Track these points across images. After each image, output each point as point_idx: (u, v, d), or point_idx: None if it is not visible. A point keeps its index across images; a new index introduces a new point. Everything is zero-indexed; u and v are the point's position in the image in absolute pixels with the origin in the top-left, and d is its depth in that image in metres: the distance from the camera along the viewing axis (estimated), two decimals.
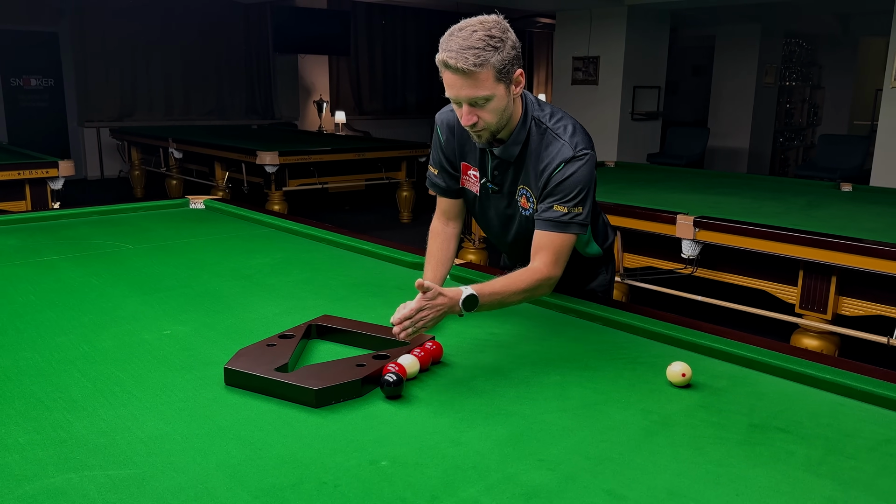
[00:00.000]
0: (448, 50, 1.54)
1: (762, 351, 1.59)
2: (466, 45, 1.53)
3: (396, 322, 1.47)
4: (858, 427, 1.32)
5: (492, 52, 1.54)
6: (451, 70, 1.56)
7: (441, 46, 1.57)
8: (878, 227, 3.33)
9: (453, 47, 1.54)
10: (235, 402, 1.38)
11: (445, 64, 1.56)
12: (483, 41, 1.53)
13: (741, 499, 1.08)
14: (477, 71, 1.54)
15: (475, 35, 1.53)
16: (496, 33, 1.55)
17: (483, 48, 1.53)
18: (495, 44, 1.54)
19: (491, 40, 1.54)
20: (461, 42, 1.53)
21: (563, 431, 1.29)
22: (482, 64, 1.53)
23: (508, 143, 1.74)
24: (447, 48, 1.55)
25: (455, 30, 1.58)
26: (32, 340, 1.68)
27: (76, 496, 1.05)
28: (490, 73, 1.55)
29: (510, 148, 1.74)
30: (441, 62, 1.57)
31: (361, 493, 1.08)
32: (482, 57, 1.53)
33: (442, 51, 1.56)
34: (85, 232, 2.87)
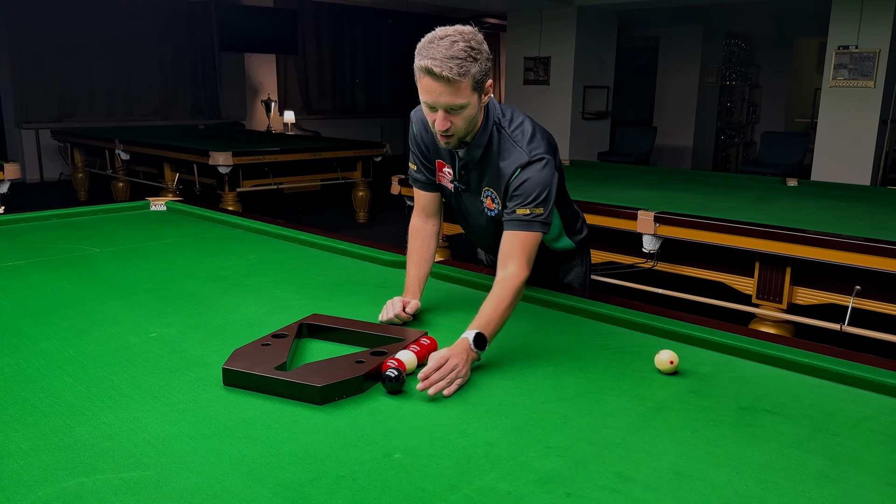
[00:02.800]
0: (432, 58, 1.58)
1: (741, 338, 1.66)
2: (450, 55, 1.57)
3: (423, 388, 1.41)
4: (838, 406, 1.40)
5: (472, 63, 1.60)
6: (433, 77, 1.60)
7: (421, 53, 1.61)
8: (826, 219, 3.49)
9: (437, 56, 1.58)
10: (238, 401, 1.37)
11: (429, 71, 1.59)
12: (465, 52, 1.59)
13: (741, 476, 1.14)
14: (459, 80, 1.59)
15: (457, 45, 1.58)
16: (475, 45, 1.61)
17: (465, 59, 1.58)
18: (475, 55, 1.60)
19: (472, 52, 1.59)
20: (444, 51, 1.58)
21: (565, 420, 1.33)
22: (464, 74, 1.59)
23: (471, 146, 1.81)
24: (430, 56, 1.59)
25: (435, 38, 1.61)
26: (14, 347, 1.64)
27: (92, 500, 1.04)
28: (469, 83, 1.61)
29: (472, 150, 1.81)
30: (424, 68, 1.60)
31: (380, 485, 1.09)
32: (464, 67, 1.58)
33: (424, 58, 1.60)
34: (46, 236, 2.79)
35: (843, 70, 5.86)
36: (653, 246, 3.54)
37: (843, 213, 3.68)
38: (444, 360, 1.45)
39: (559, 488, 1.09)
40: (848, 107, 5.95)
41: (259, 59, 11.90)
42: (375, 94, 13.56)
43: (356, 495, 1.06)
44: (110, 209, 3.32)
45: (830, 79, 5.95)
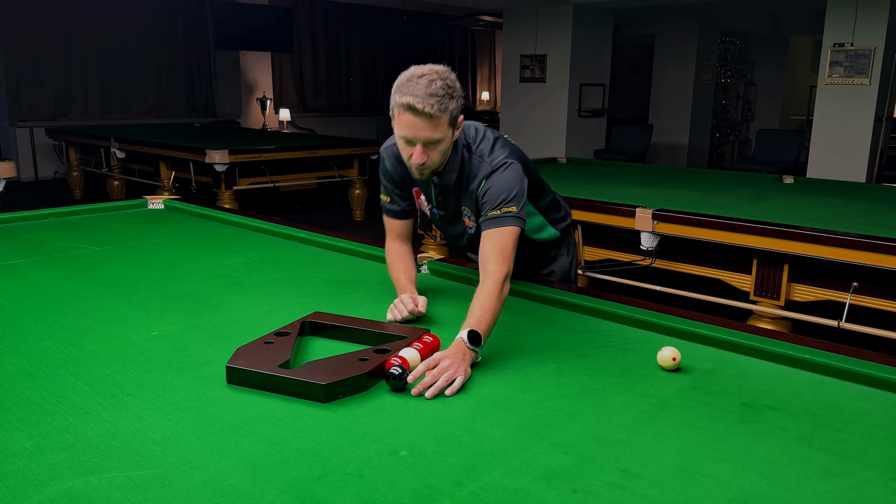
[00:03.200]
0: (413, 95, 1.66)
1: (743, 335, 1.67)
2: (430, 92, 1.66)
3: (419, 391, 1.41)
4: (841, 403, 1.40)
5: (450, 101, 1.70)
6: (414, 113, 1.68)
7: (401, 90, 1.69)
8: (824, 216, 3.50)
9: (418, 93, 1.66)
10: (242, 399, 1.37)
11: (411, 107, 1.67)
12: (443, 90, 1.68)
13: (746, 472, 1.14)
14: (439, 116, 1.69)
15: (435, 84, 1.68)
16: (451, 83, 1.71)
17: (443, 96, 1.68)
18: (452, 93, 1.70)
19: (449, 89, 1.69)
20: (423, 89, 1.66)
21: (569, 416, 1.33)
22: (444, 110, 1.69)
23: (445, 172, 1.90)
24: (411, 93, 1.67)
25: (413, 77, 1.69)
26: (15, 345, 1.63)
27: (98, 499, 1.04)
28: (446, 119, 1.72)
29: (447, 175, 1.91)
30: (405, 105, 1.68)
31: (387, 482, 1.09)
32: (444, 104, 1.68)
33: (404, 94, 1.68)
34: (45, 235, 2.78)
35: (838, 67, 5.88)
36: (651, 243, 3.55)
37: (839, 210, 3.70)
38: (436, 363, 1.45)
39: (566, 485, 1.10)
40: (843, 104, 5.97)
41: (254, 56, 11.88)
42: (371, 92, 13.55)
43: (364, 492, 1.06)
44: (108, 207, 3.32)
45: (826, 76, 5.97)
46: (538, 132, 8.11)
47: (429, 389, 1.40)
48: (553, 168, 5.51)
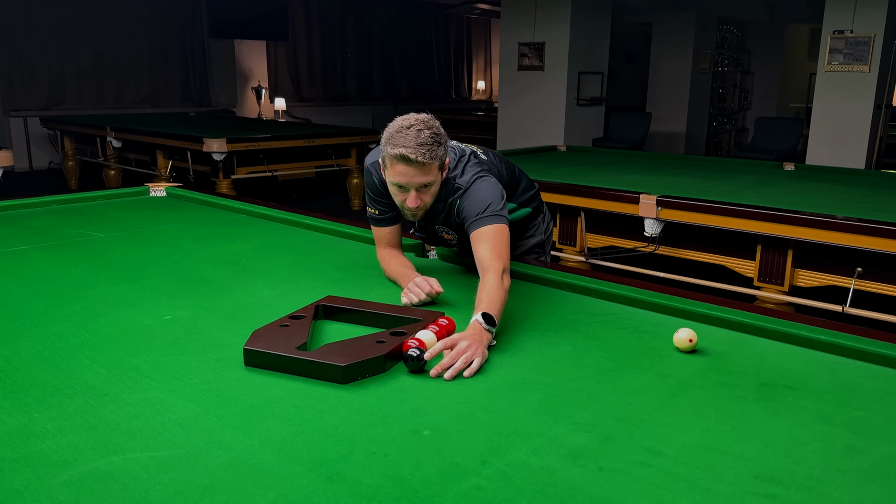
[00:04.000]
0: (405, 146, 1.74)
1: (758, 316, 1.67)
2: (419, 142, 1.75)
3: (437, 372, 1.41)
4: (859, 382, 1.41)
5: (438, 147, 1.79)
6: (407, 163, 1.76)
7: (392, 142, 1.76)
8: (827, 201, 3.51)
9: (409, 144, 1.74)
10: (261, 381, 1.37)
11: (404, 158, 1.75)
12: (432, 138, 1.77)
13: (770, 449, 1.15)
14: (430, 163, 1.77)
15: (423, 133, 1.76)
16: (437, 130, 1.80)
17: (432, 144, 1.77)
18: (439, 139, 1.79)
19: (436, 137, 1.78)
20: (413, 139, 1.74)
21: (590, 397, 1.33)
22: (434, 157, 1.78)
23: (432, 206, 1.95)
24: (403, 144, 1.74)
25: (402, 128, 1.77)
26: (27, 329, 1.62)
27: (125, 478, 1.03)
28: (436, 164, 1.80)
29: (436, 206, 1.97)
30: (398, 156, 1.75)
31: (413, 460, 1.09)
32: (434, 151, 1.77)
33: (396, 146, 1.75)
34: (48, 222, 2.76)
35: (837, 55, 5.87)
36: (654, 230, 3.55)
37: (842, 196, 3.70)
38: (454, 343, 1.45)
39: (591, 462, 1.10)
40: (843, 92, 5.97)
41: (249, 45, 11.80)
42: (367, 82, 13.48)
43: (390, 470, 1.06)
44: (110, 195, 3.30)
45: (825, 63, 5.97)
46: (536, 120, 8.09)
47: (448, 371, 1.40)
48: (553, 156, 5.50)
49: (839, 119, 6.06)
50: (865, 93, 5.87)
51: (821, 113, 6.17)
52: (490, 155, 2.14)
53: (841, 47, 5.85)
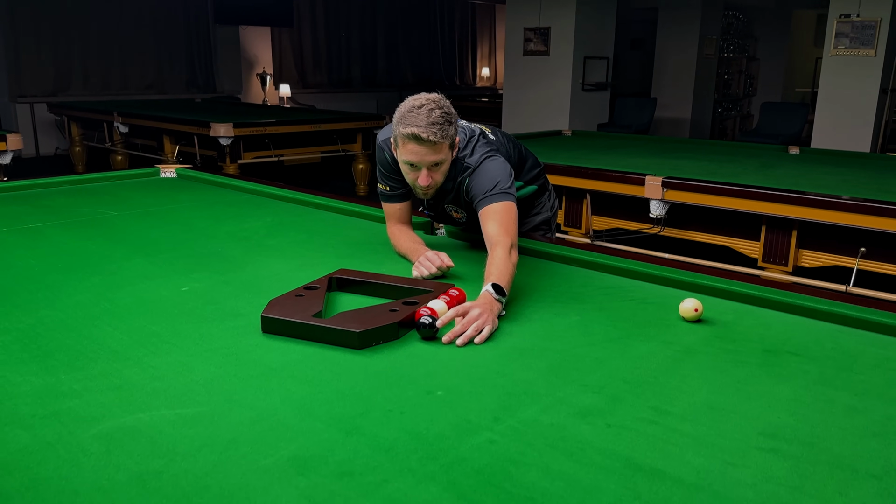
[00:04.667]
0: (416, 125, 1.77)
1: (762, 288, 1.71)
2: (431, 121, 1.77)
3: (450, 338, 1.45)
4: (860, 349, 1.44)
5: (449, 126, 1.81)
6: (418, 142, 1.79)
7: (403, 121, 1.79)
8: (831, 182, 3.53)
9: (420, 123, 1.77)
10: (279, 346, 1.41)
11: (416, 137, 1.78)
12: (443, 118, 1.79)
13: (773, 409, 1.18)
14: (441, 142, 1.80)
15: (435, 113, 1.78)
16: (447, 110, 1.82)
17: (443, 123, 1.79)
18: (450, 119, 1.82)
19: (447, 116, 1.81)
20: (425, 119, 1.77)
21: (597, 362, 1.37)
22: (445, 136, 1.80)
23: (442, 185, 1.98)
24: (414, 124, 1.77)
25: (413, 107, 1.80)
26: (48, 300, 1.66)
27: (152, 433, 1.08)
28: (447, 143, 1.84)
29: (445, 184, 2.00)
30: (410, 136, 1.78)
31: (427, 417, 1.14)
32: (445, 130, 1.80)
33: (408, 125, 1.78)
34: (63, 201, 2.80)
35: (844, 39, 5.87)
36: (660, 211, 3.58)
37: (846, 178, 3.72)
38: (465, 311, 1.49)
39: (599, 420, 1.14)
40: (849, 76, 5.96)
41: (254, 31, 11.80)
42: (371, 68, 13.47)
43: (406, 426, 1.10)
44: (121, 175, 3.33)
45: (832, 48, 5.96)
46: (541, 106, 8.10)
47: (459, 338, 1.44)
48: (558, 140, 5.52)
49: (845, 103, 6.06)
50: (871, 77, 5.86)
51: (826, 97, 6.17)
52: (498, 134, 2.17)
53: (847, 31, 5.84)
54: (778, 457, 1.04)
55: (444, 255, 1.85)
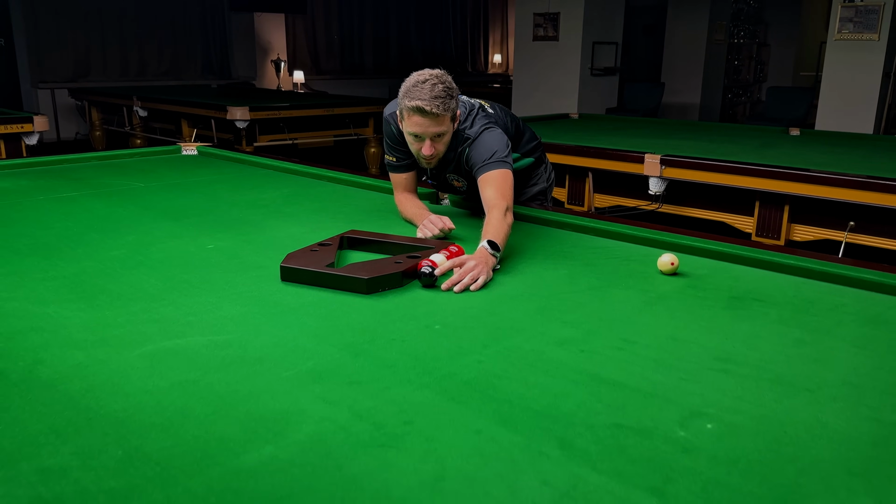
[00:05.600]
0: (420, 98, 1.92)
1: (735, 245, 1.86)
2: (434, 95, 1.92)
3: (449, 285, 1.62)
4: (818, 297, 1.60)
5: (451, 100, 1.96)
6: (422, 114, 1.94)
7: (409, 95, 1.94)
8: (825, 161, 3.65)
9: (424, 97, 1.92)
10: (296, 291, 1.58)
11: (420, 109, 1.93)
12: (445, 92, 1.94)
13: (730, 341, 1.35)
14: (443, 114, 1.95)
15: (437, 87, 1.93)
16: (449, 84, 1.97)
17: (445, 97, 1.94)
18: (452, 93, 1.97)
19: (449, 90, 1.96)
20: (428, 93, 1.92)
21: (578, 305, 1.54)
22: (447, 109, 1.95)
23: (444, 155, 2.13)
24: (419, 97, 1.92)
25: (418, 82, 1.94)
26: (88, 255, 1.85)
27: (190, 353, 1.26)
28: (449, 116, 1.98)
29: (447, 155, 2.14)
30: (415, 108, 1.93)
31: (425, 345, 1.31)
32: (446, 104, 1.95)
33: (413, 99, 1.93)
34: (91, 174, 2.99)
35: (848, 23, 5.95)
36: (658, 188, 3.72)
37: (840, 157, 3.84)
38: (462, 262, 1.67)
39: (574, 347, 1.30)
40: (852, 60, 6.05)
41: (268, 18, 11.96)
42: (383, 55, 13.61)
43: (407, 350, 1.28)
44: (144, 152, 3.52)
45: (836, 32, 6.05)
46: (551, 90, 8.22)
47: (457, 285, 1.61)
48: (564, 123, 5.66)
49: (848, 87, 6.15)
50: (874, 61, 5.95)
51: (830, 81, 6.26)
52: (497, 108, 2.33)
53: (851, 16, 5.92)
54: (727, 375, 1.20)
55: (447, 219, 2.02)
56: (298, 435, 0.99)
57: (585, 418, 1.04)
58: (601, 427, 1.02)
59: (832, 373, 1.22)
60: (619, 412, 1.06)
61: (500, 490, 0.87)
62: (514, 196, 2.13)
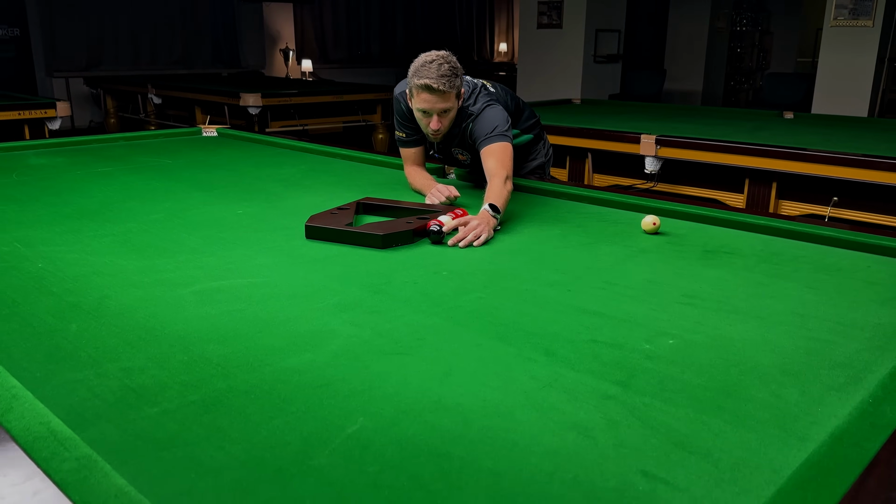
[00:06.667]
0: (428, 77, 2.10)
1: (712, 210, 2.06)
2: (441, 74, 2.10)
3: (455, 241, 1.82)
4: (782, 250, 1.80)
5: (456, 78, 2.15)
6: (430, 91, 2.12)
7: (418, 74, 2.12)
8: (814, 141, 3.83)
9: (432, 75, 2.10)
10: (320, 246, 1.80)
11: (428, 87, 2.11)
12: (451, 71, 2.13)
13: (699, 282, 1.55)
14: (449, 91, 2.14)
15: (444, 66, 2.11)
16: (454, 64, 2.15)
17: (451, 76, 2.13)
18: (456, 72, 2.16)
19: (454, 69, 2.15)
20: (435, 71, 2.10)
21: (569, 257, 1.75)
22: (452, 86, 2.14)
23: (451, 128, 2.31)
24: (426, 76, 2.10)
25: (426, 62, 2.13)
26: (131, 218, 2.06)
27: (233, 290, 1.47)
28: (454, 93, 2.17)
29: (452, 130, 2.33)
30: (423, 86, 2.12)
31: (434, 286, 1.52)
32: (452, 82, 2.13)
33: (421, 77, 2.11)
34: (121, 153, 3.20)
35: (843, 10, 6.10)
36: (654, 167, 3.92)
37: (828, 137, 4.02)
38: (466, 221, 1.87)
39: (563, 287, 1.51)
40: (847, 46, 6.20)
41: (277, 8, 12.14)
42: (390, 44, 13.78)
43: (418, 289, 1.49)
44: (167, 133, 3.74)
45: (832, 19, 6.20)
46: (555, 78, 8.39)
47: (462, 241, 1.81)
48: (567, 108, 5.84)
49: (843, 73, 6.30)
50: (869, 47, 6.10)
51: (826, 67, 6.41)
52: (497, 88, 2.53)
53: (846, 3, 6.07)
54: (692, 307, 1.41)
55: (453, 188, 2.23)
56: (331, 346, 1.20)
57: (568, 336, 1.25)
58: (580, 342, 1.23)
59: (782, 305, 1.42)
60: (596, 332, 1.27)
61: (496, 382, 1.08)
62: (515, 169, 2.33)
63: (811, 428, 0.95)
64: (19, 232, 1.89)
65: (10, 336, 1.23)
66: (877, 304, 1.44)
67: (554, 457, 0.88)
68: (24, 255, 1.69)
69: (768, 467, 0.86)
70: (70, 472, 0.79)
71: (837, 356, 1.19)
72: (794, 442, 0.92)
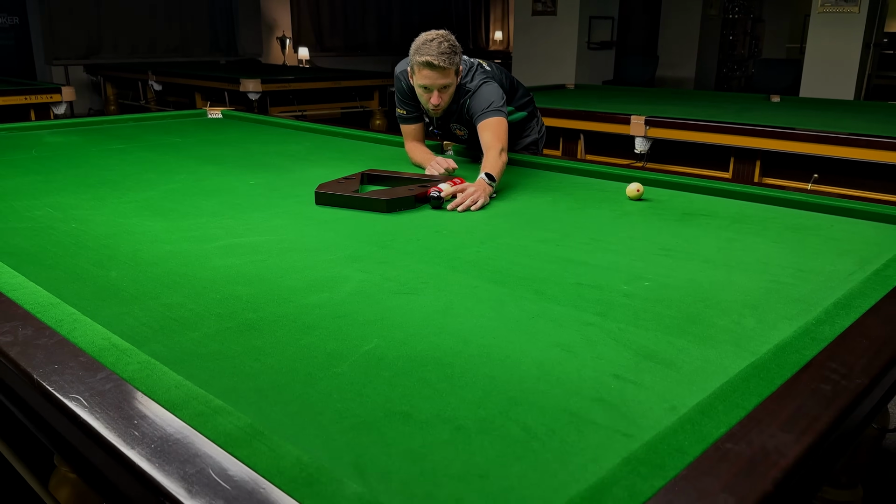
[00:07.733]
0: (429, 54, 2.24)
1: (694, 178, 2.22)
2: (441, 51, 2.24)
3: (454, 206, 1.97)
4: (755, 213, 1.96)
5: (455, 56, 2.28)
6: (431, 68, 2.25)
7: (419, 52, 2.26)
8: (797, 121, 3.99)
9: (433, 52, 2.23)
10: (329, 210, 1.95)
11: (429, 63, 2.24)
12: (450, 48, 2.26)
13: (675, 238, 1.71)
14: (449, 68, 2.27)
15: (444, 44, 2.25)
16: (454, 42, 2.29)
17: (451, 53, 2.26)
18: (456, 50, 2.29)
19: (454, 48, 2.28)
20: (436, 49, 2.24)
21: (558, 219, 1.90)
22: (452, 63, 2.27)
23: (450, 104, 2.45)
24: (427, 53, 2.23)
25: (427, 40, 2.26)
26: (151, 187, 2.21)
27: (253, 245, 1.62)
28: (453, 70, 2.30)
29: (451, 106, 2.47)
30: (424, 63, 2.25)
31: (435, 242, 1.67)
32: (451, 59, 2.27)
33: (423, 55, 2.24)
34: (132, 132, 3.34)
35: None
36: (644, 147, 4.07)
37: (811, 118, 4.18)
38: (464, 188, 2.02)
39: (552, 243, 1.67)
40: (834, 32, 6.35)
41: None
42: (386, 32, 13.87)
43: (421, 245, 1.64)
44: (173, 115, 3.87)
45: (819, 5, 6.34)
46: (549, 64, 8.52)
47: (460, 206, 1.96)
48: (561, 93, 5.98)
49: (830, 59, 6.46)
50: (855, 33, 6.25)
51: (813, 53, 6.56)
52: (493, 66, 2.67)
53: None
54: (668, 258, 1.56)
55: (451, 160, 2.37)
56: (345, 287, 1.35)
57: (555, 280, 1.41)
58: (566, 284, 1.39)
59: (750, 256, 1.58)
60: (580, 277, 1.43)
61: (491, 314, 1.24)
62: (509, 145, 2.48)
63: (763, 345, 1.11)
64: (49, 198, 2.03)
65: (58, 281, 1.38)
66: (835, 254, 1.59)
67: (540, 365, 1.04)
68: (58, 217, 1.84)
69: (723, 373, 1.02)
70: (135, 371, 0.94)
71: (794, 294, 1.34)
72: (747, 355, 1.08)
